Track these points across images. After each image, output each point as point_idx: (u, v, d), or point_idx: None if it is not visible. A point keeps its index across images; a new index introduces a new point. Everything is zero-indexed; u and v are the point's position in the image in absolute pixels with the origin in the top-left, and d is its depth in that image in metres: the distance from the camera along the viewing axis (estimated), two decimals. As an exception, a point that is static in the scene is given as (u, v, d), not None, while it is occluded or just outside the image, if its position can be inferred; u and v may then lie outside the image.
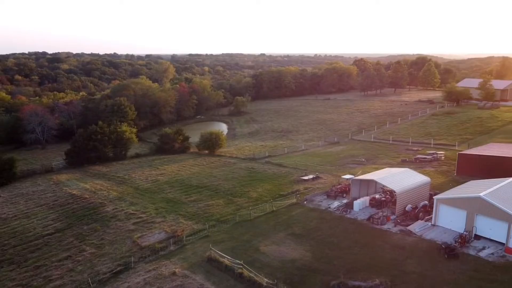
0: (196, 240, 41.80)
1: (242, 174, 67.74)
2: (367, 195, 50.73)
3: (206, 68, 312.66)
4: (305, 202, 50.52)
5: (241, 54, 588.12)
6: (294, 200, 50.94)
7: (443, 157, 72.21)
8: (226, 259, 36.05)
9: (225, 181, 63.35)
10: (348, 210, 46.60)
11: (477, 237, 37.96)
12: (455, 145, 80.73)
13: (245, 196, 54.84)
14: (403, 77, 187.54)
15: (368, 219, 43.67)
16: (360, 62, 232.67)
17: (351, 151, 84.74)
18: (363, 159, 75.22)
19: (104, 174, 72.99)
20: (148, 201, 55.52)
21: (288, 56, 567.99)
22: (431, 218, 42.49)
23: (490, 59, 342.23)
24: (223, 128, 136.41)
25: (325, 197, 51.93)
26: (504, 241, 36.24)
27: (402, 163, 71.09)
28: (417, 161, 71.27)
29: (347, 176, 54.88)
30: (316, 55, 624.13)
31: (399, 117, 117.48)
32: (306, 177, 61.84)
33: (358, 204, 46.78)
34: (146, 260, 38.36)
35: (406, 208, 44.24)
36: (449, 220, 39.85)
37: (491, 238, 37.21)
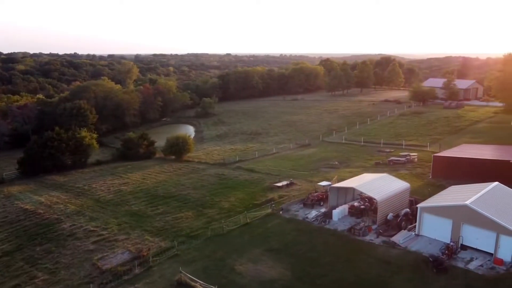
0: (164, 260, 37.84)
1: (212, 181, 64.03)
2: (345, 203, 48.32)
3: (171, 69, 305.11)
4: (280, 212, 47.52)
5: (207, 54, 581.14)
6: (269, 211, 47.81)
7: (416, 159, 71.19)
8: (198, 284, 32.41)
9: (194, 190, 59.46)
10: (327, 220, 43.95)
11: (464, 247, 36.13)
12: (426, 146, 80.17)
13: (217, 207, 51.23)
14: (369, 77, 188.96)
15: (349, 230, 41.14)
16: (326, 62, 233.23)
17: (323, 153, 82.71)
18: (336, 162, 73.22)
19: (62, 185, 67.31)
20: (110, 215, 50.87)
21: (254, 56, 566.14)
22: (414, 227, 40.47)
23: (448, 59, 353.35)
24: (190, 130, 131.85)
25: (302, 206, 49.11)
26: (492, 251, 34.53)
27: (376, 166, 69.63)
28: (391, 163, 69.94)
29: (324, 183, 52.38)
30: (281, 55, 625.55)
31: (368, 118, 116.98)
32: (279, 184, 58.91)
33: (337, 213, 44.23)
34: (108, 287, 34.11)
35: (388, 217, 42.06)
36: (433, 230, 37.90)
37: (478, 248, 35.46)
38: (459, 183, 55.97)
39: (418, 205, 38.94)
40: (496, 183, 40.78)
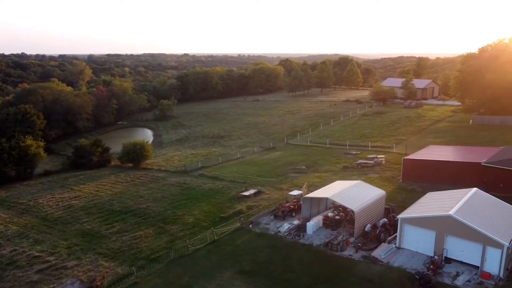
0: (122, 290, 33.19)
1: (173, 191, 59.32)
2: (318, 213, 45.41)
3: (127, 69, 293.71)
4: (250, 226, 43.84)
5: (164, 54, 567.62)
6: (238, 225, 43.98)
7: (384, 161, 69.80)
8: (163, 321, 28.16)
9: (154, 202, 54.56)
10: (301, 234, 40.75)
11: (448, 260, 33.99)
12: (392, 147, 79.27)
13: (180, 222, 46.74)
14: (329, 77, 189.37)
15: (326, 245, 38.10)
16: (286, 62, 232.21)
17: (289, 157, 79.91)
18: (304, 167, 70.54)
19: (3, 201, 60.09)
20: (58, 236, 45.11)
21: (211, 56, 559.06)
22: (394, 238, 38.07)
23: (400, 58, 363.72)
24: (148, 134, 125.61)
25: (273, 218, 45.67)
26: (478, 264, 32.55)
27: (345, 170, 67.58)
28: (359, 166, 68.11)
29: (295, 193, 49.19)
30: (239, 55, 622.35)
31: (331, 118, 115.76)
32: (247, 193, 55.23)
33: (311, 226, 41.12)
34: (54, 328, 29.14)
35: (366, 229, 39.42)
36: (416, 242, 35.57)
37: (464, 261, 33.41)
38: (430, 186, 54.90)
39: (399, 216, 36.48)
40: (475, 189, 39.13)
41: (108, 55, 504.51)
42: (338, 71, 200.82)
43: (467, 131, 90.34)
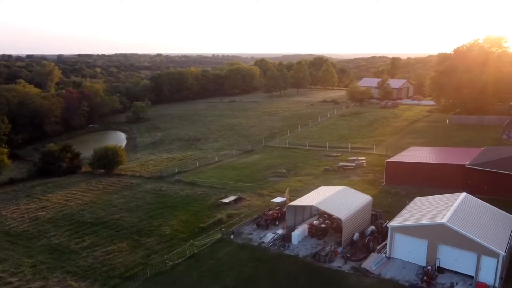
0: (93, 314, 30.21)
1: (149, 199, 56.19)
2: (303, 221, 43.44)
3: (99, 70, 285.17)
4: (232, 237, 41.39)
5: (136, 54, 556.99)
6: (219, 236, 41.46)
7: (365, 163, 68.61)
8: None
9: (128, 212, 51.34)
10: (286, 245, 38.62)
11: (441, 270, 32.53)
12: (372, 149, 78.25)
13: (156, 234, 43.83)
14: (304, 77, 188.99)
15: (313, 256, 36.07)
16: (261, 63, 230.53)
17: (268, 160, 77.83)
18: (284, 170, 68.58)
19: (-39, 214, 55.52)
20: (22, 253, 41.40)
21: (185, 56, 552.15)
22: (383, 246, 36.46)
23: (373, 58, 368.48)
24: (121, 137, 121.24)
25: (255, 227, 43.37)
26: (472, 274, 31.21)
27: (326, 173, 66.01)
28: (341, 169, 66.68)
29: (278, 200, 47.03)
30: (214, 55, 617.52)
31: (309, 119, 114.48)
32: (227, 200, 52.75)
33: (297, 235, 39.05)
34: None
35: (354, 238, 37.66)
36: (407, 252, 33.99)
37: (457, 271, 32.02)
38: (414, 189, 53.93)
39: (389, 225, 34.82)
40: (464, 193, 37.94)
41: (79, 55, 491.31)
42: (313, 71, 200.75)
43: (444, 131, 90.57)
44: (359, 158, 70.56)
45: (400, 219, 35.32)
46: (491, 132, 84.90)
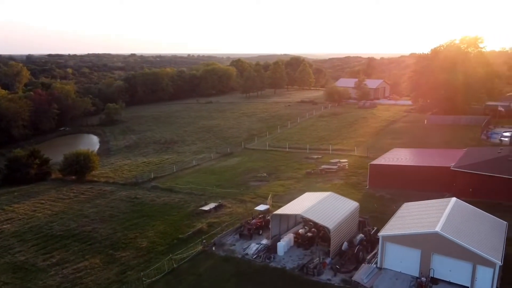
0: None
1: (123, 208, 53.07)
2: (288, 229, 41.41)
3: (70, 70, 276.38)
4: (213, 249, 38.96)
5: (109, 55, 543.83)
6: (200, 248, 38.96)
7: (347, 166, 67.32)
8: None
9: (101, 223, 48.15)
10: (272, 256, 36.49)
11: (434, 280, 31.07)
12: (353, 150, 77.17)
13: (132, 247, 40.94)
14: (282, 77, 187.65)
15: (301, 269, 34.07)
16: (238, 63, 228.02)
17: (248, 163, 75.70)
18: (265, 174, 66.57)
19: None
20: (-17, 273, 37.91)
21: (160, 56, 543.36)
22: (373, 256, 34.85)
23: (348, 58, 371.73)
24: (94, 141, 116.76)
25: (238, 237, 41.07)
26: (468, 285, 29.89)
27: (308, 176, 64.36)
28: (323, 172, 65.17)
29: (261, 207, 44.89)
30: (189, 55, 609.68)
31: (288, 120, 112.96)
32: (206, 207, 50.26)
33: (282, 246, 37.00)
34: None
35: (343, 247, 35.89)
36: (399, 262, 32.42)
37: (452, 281, 30.63)
38: (399, 192, 52.80)
39: (380, 234, 33.17)
40: (454, 199, 36.73)
41: (49, 55, 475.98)
42: (290, 72, 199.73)
43: (423, 131, 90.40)
44: (341, 160, 69.26)
45: (391, 228, 33.75)
46: (469, 132, 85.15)
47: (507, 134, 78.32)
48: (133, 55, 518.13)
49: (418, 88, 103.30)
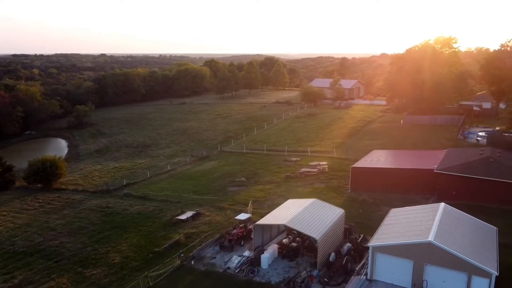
0: None
1: (94, 219, 49.66)
2: (271, 239, 39.30)
3: (36, 71, 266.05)
4: (192, 263, 36.37)
5: (78, 55, 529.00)
6: (178, 262, 36.27)
7: (327, 168, 65.81)
8: None
9: (69, 236, 44.68)
10: (255, 269, 34.25)
11: (428, 292, 29.57)
12: (332, 152, 75.82)
13: (103, 263, 37.81)
14: (256, 77, 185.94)
15: (288, 283, 31.98)
16: (211, 63, 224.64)
17: (225, 167, 73.23)
18: (243, 179, 64.32)
19: None
20: None
21: (131, 56, 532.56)
22: (362, 267, 33.17)
23: (320, 58, 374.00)
24: (62, 145, 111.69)
25: (218, 249, 38.62)
26: (463, 296, 28.47)
27: (288, 180, 62.47)
28: (303, 175, 63.42)
29: (242, 216, 42.49)
30: (161, 55, 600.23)
31: (264, 122, 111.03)
32: (183, 216, 47.52)
33: (266, 258, 34.79)
34: None
35: (330, 259, 34.00)
36: (390, 273, 30.80)
37: (446, 292, 29.16)
38: (381, 195, 51.64)
39: (370, 244, 31.46)
40: (443, 204, 35.46)
41: (14, 55, 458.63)
42: (264, 72, 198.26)
43: (399, 131, 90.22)
44: (321, 163, 67.72)
45: (381, 237, 32.10)
46: (444, 132, 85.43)
47: (482, 134, 78.79)
48: (103, 55, 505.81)
49: (394, 88, 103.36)
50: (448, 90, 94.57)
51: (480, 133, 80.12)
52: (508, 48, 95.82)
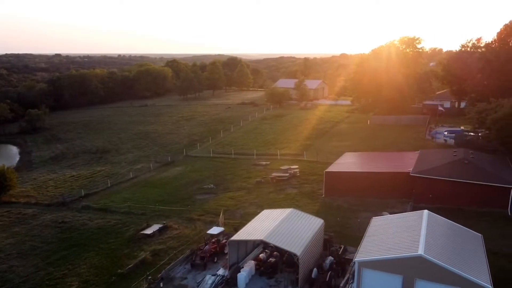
0: None
1: (48, 237, 44.96)
2: (246, 254, 36.41)
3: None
4: (161, 285, 32.90)
5: (31, 55, 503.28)
6: (145, 286, 32.70)
7: (298, 172, 63.76)
8: None
9: (20, 258, 39.92)
10: (232, 290, 31.32)
11: (418, 308, 27.67)
12: (302, 155, 74.02)
13: (59, 290, 33.71)
14: (220, 78, 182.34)
15: (269, 305, 29.26)
16: (173, 64, 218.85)
17: (192, 173, 69.69)
18: (212, 185, 61.16)
19: None
20: None
21: (88, 56, 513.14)
22: (347, 281, 30.94)
23: (281, 58, 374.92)
24: (12, 152, 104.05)
25: (189, 267, 35.32)
26: (455, 312, 26.74)
27: (259, 186, 59.91)
28: (274, 180, 61.05)
29: (215, 231, 39.33)
30: (120, 55, 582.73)
31: (230, 124, 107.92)
32: (149, 230, 43.83)
33: (243, 278, 31.89)
34: None
35: (312, 275, 31.60)
36: (378, 290, 28.68)
37: (438, 308, 27.35)
38: (357, 200, 49.99)
39: (356, 260, 29.24)
40: (426, 212, 33.81)
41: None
42: (228, 72, 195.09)
43: (367, 132, 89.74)
44: (292, 166, 65.53)
45: (366, 251, 29.96)
46: (411, 132, 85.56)
47: (447, 133, 79.33)
48: (58, 55, 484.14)
49: (360, 88, 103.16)
50: (414, 90, 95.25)
51: (445, 133, 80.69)
52: (468, 49, 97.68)
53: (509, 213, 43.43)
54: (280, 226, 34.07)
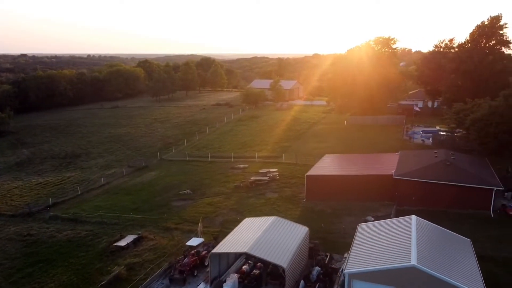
0: None
1: (12, 252, 41.64)
2: (228, 266, 34.41)
3: None
4: (138, 303, 30.60)
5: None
6: (120, 305, 30.34)
7: (277, 176, 62.19)
8: None
9: (-20, 277, 36.64)
10: (214, 307, 29.29)
11: (411, 321, 26.44)
12: (281, 157, 72.46)
13: (24, 313, 30.82)
14: (193, 79, 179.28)
15: (255, 323, 27.39)
16: (145, 64, 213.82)
17: (167, 178, 67.11)
18: (189, 191, 58.79)
19: None
20: None
21: (56, 56, 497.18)
22: (335, 293, 29.49)
23: (255, 59, 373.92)
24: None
25: (168, 282, 33.04)
26: (450, 324, 25.62)
27: (237, 190, 58.01)
28: (253, 185, 59.23)
29: (194, 242, 37.11)
30: (89, 55, 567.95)
31: (206, 125, 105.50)
32: (123, 242, 41.16)
33: (227, 292, 29.93)
34: None
35: (300, 287, 29.88)
36: (369, 302, 27.28)
37: (432, 321, 26.18)
38: (339, 204, 48.80)
39: (346, 271, 27.77)
40: (415, 218, 32.73)
41: None
42: (201, 73, 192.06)
43: (345, 133, 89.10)
44: (271, 170, 63.91)
45: (356, 261, 28.55)
46: (389, 132, 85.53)
47: (422, 132, 79.69)
48: (23, 55, 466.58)
49: (336, 88, 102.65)
50: (390, 90, 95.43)
51: (421, 133, 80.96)
52: (441, 49, 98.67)
53: (492, 214, 43.18)
54: (263, 236, 32.26)
